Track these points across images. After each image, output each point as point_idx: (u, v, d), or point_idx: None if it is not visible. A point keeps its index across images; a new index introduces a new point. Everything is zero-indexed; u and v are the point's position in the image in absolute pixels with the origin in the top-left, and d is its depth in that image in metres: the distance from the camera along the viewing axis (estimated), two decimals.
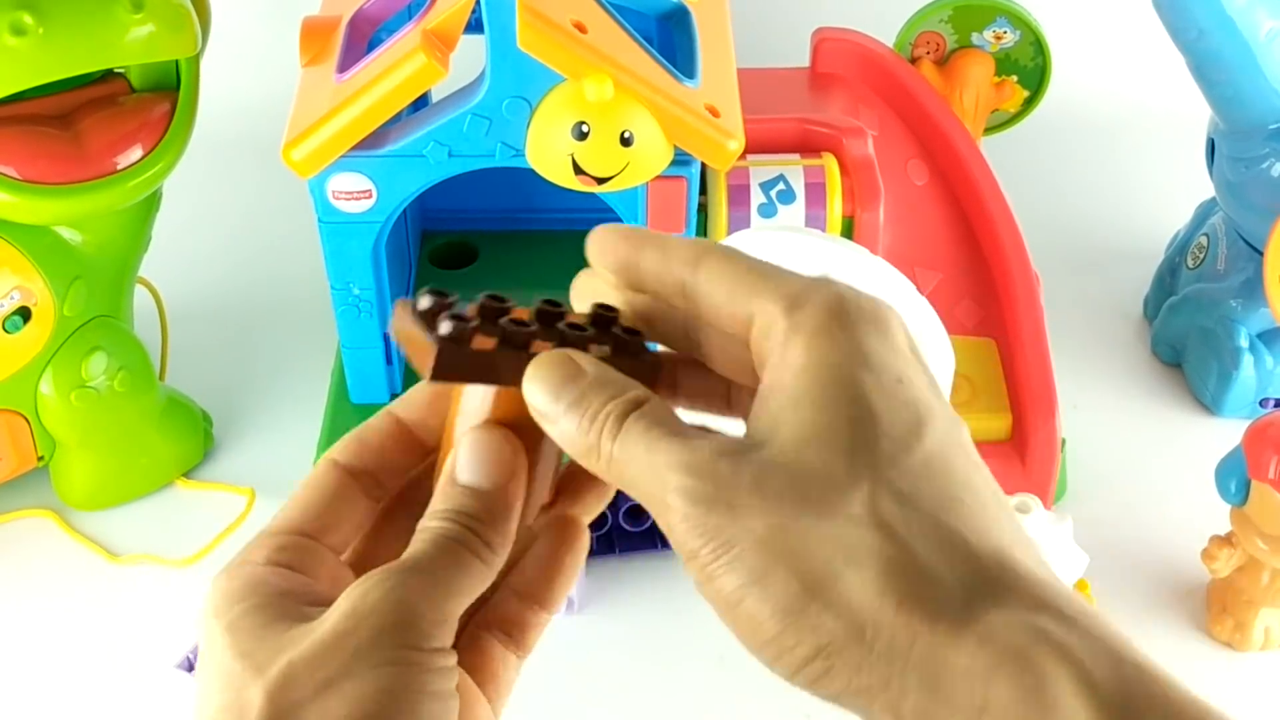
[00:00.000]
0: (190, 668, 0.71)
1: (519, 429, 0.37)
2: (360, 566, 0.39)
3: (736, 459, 0.33)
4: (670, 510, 0.33)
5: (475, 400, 0.38)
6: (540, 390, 0.35)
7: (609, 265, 0.38)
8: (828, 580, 0.31)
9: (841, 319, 0.34)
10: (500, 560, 0.37)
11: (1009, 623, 0.30)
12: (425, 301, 0.36)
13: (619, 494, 0.79)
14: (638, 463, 0.34)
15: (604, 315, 0.37)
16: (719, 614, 0.33)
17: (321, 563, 0.38)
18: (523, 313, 0.37)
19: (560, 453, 0.38)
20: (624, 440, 0.34)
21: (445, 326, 0.35)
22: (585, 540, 0.41)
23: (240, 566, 0.38)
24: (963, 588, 0.31)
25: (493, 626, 0.40)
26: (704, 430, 0.34)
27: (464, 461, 0.37)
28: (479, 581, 0.36)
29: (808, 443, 0.32)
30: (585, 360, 0.35)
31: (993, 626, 0.30)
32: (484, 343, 0.36)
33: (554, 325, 0.37)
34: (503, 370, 0.36)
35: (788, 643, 0.32)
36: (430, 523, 0.37)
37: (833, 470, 0.32)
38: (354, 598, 0.35)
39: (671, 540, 0.33)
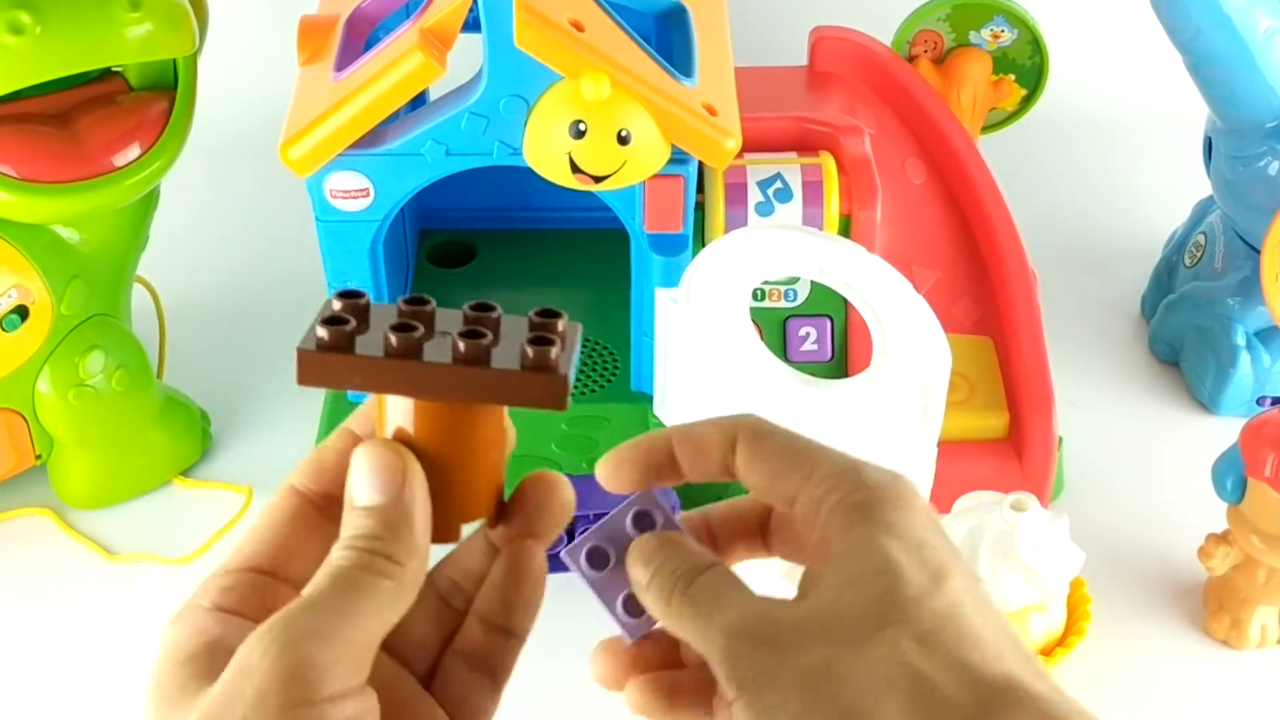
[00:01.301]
0: None
1: (436, 439, 0.37)
2: None
3: (781, 606, 0.37)
4: (716, 652, 0.37)
5: (393, 412, 0.38)
6: (637, 565, 0.40)
7: (641, 481, 0.42)
8: (861, 712, 0.35)
9: (870, 498, 0.38)
10: (415, 575, 0.36)
11: None
12: (337, 304, 0.37)
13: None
14: (697, 610, 0.38)
15: (539, 321, 0.38)
16: None
17: (275, 599, 0.37)
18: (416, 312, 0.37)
19: (500, 468, 0.39)
20: (691, 592, 0.39)
21: (320, 331, 0.36)
22: (539, 565, 0.41)
23: (187, 612, 0.38)
24: (974, 706, 0.35)
25: (459, 654, 0.40)
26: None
27: (353, 482, 0.37)
28: (391, 601, 0.36)
29: (841, 593, 0.37)
30: (673, 538, 0.40)
31: None
32: (372, 348, 0.36)
33: (445, 331, 0.37)
34: (391, 378, 0.36)
35: None
36: (331, 555, 0.36)
37: (863, 615, 0.36)
38: (240, 654, 0.34)
39: (718, 676, 0.37)
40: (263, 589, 0.38)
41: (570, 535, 0.76)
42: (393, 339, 0.36)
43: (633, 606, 0.41)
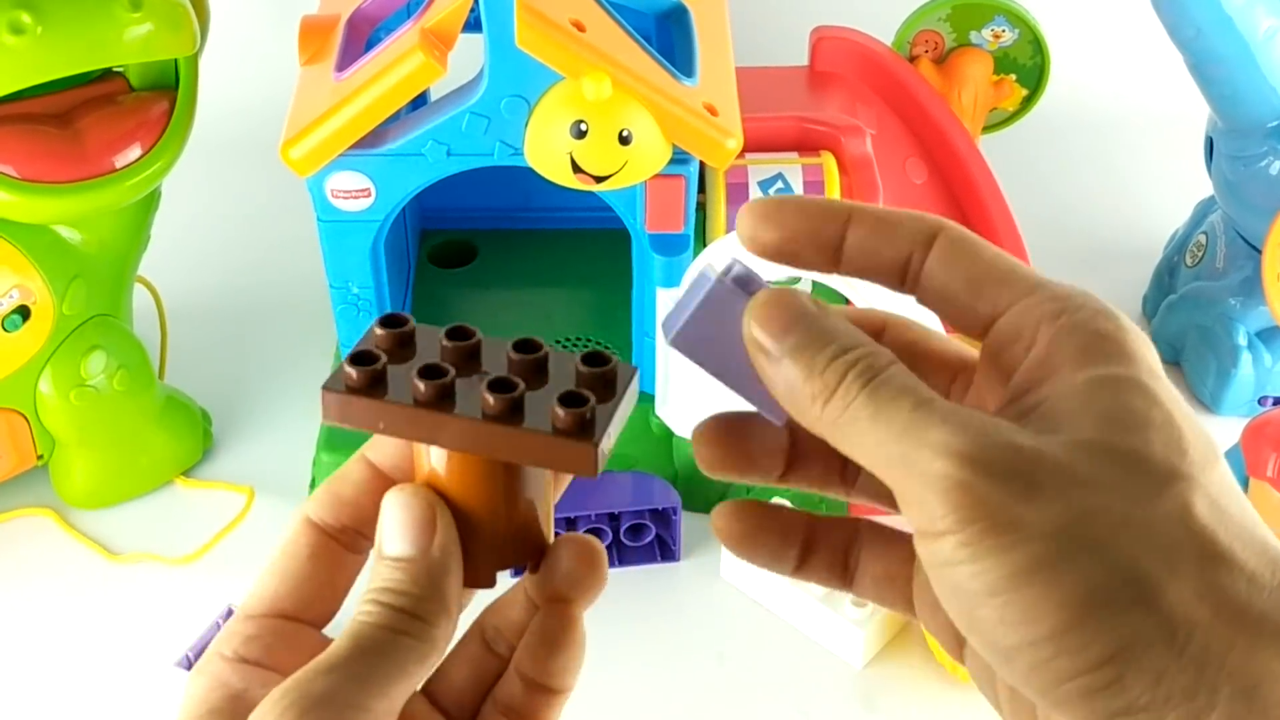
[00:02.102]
0: (189, 666, 0.71)
1: (468, 487, 0.35)
2: None
3: (1029, 437, 0.29)
4: (934, 477, 0.28)
5: (424, 451, 0.35)
6: (766, 323, 0.31)
7: (784, 244, 0.33)
8: (1138, 575, 0.28)
9: (1120, 332, 0.31)
10: (444, 632, 0.34)
11: None
12: (379, 331, 0.34)
13: (621, 512, 0.79)
14: (895, 420, 0.29)
15: (584, 370, 0.34)
16: (959, 607, 0.29)
17: (299, 647, 0.35)
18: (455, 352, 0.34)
19: (535, 514, 0.36)
20: (879, 391, 0.30)
21: (348, 369, 0.33)
22: (578, 631, 0.37)
23: (209, 663, 0.35)
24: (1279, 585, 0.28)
25: (499, 704, 0.37)
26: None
27: (382, 528, 0.34)
28: (416, 661, 0.33)
29: (1112, 434, 0.29)
30: (814, 301, 0.32)
31: None
32: (401, 391, 0.33)
33: (476, 375, 0.34)
34: (416, 427, 0.34)
35: (1074, 642, 0.28)
36: (357, 608, 0.34)
37: (1145, 463, 0.29)
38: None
39: (917, 510, 0.29)
40: (290, 636, 0.35)
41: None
42: (420, 386, 0.33)
43: None
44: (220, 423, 0.89)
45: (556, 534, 0.37)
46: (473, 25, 0.72)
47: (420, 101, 0.83)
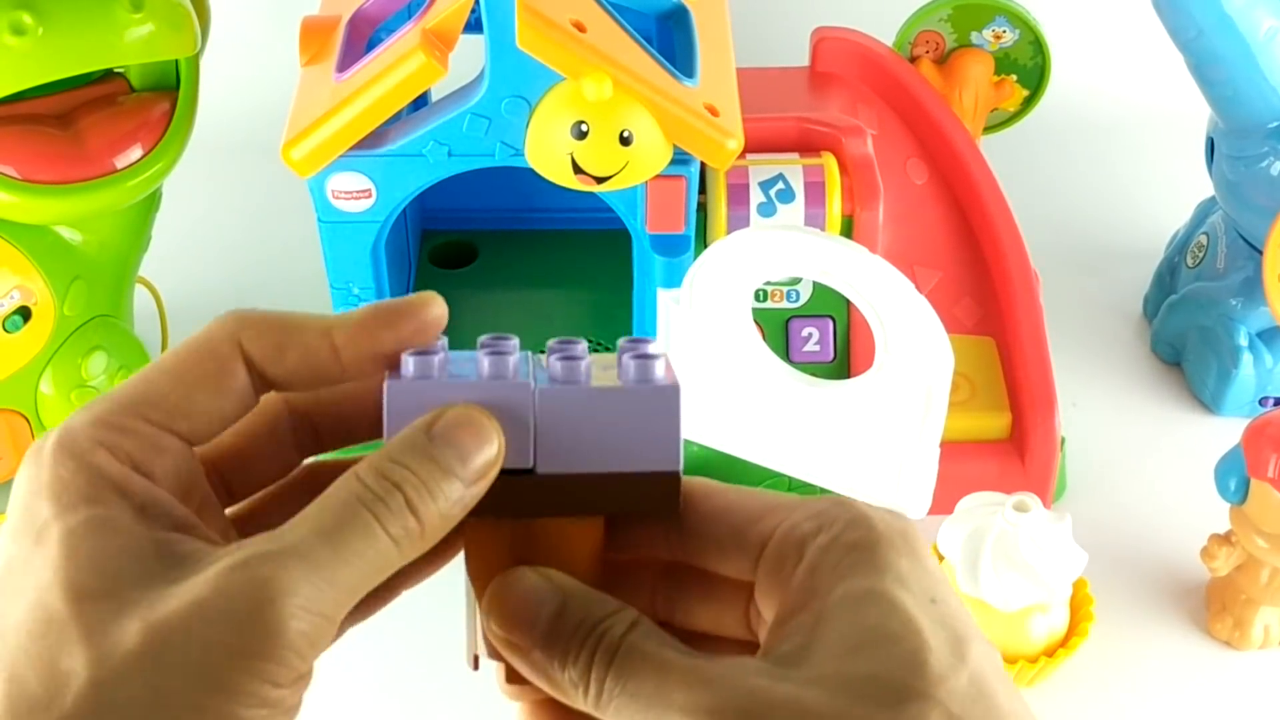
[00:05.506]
0: None
1: (550, 551, 0.34)
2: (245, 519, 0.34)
3: (764, 674, 0.30)
4: None
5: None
6: (510, 626, 0.32)
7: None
8: None
9: (871, 539, 0.32)
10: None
11: None
12: None
13: None
14: (642, 692, 0.31)
15: None
16: None
17: (160, 456, 0.31)
18: None
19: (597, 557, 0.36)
20: (624, 668, 0.31)
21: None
22: None
23: (72, 444, 0.30)
24: None
25: None
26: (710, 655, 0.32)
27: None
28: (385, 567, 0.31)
29: (847, 661, 0.30)
30: (555, 576, 0.33)
31: None
32: None
33: None
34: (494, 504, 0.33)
35: None
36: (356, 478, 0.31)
37: (879, 689, 0.30)
38: (211, 585, 0.29)
39: None
40: (148, 441, 0.31)
41: None
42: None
43: None
44: None
45: None
46: (473, 26, 0.72)
47: (421, 102, 0.83)
